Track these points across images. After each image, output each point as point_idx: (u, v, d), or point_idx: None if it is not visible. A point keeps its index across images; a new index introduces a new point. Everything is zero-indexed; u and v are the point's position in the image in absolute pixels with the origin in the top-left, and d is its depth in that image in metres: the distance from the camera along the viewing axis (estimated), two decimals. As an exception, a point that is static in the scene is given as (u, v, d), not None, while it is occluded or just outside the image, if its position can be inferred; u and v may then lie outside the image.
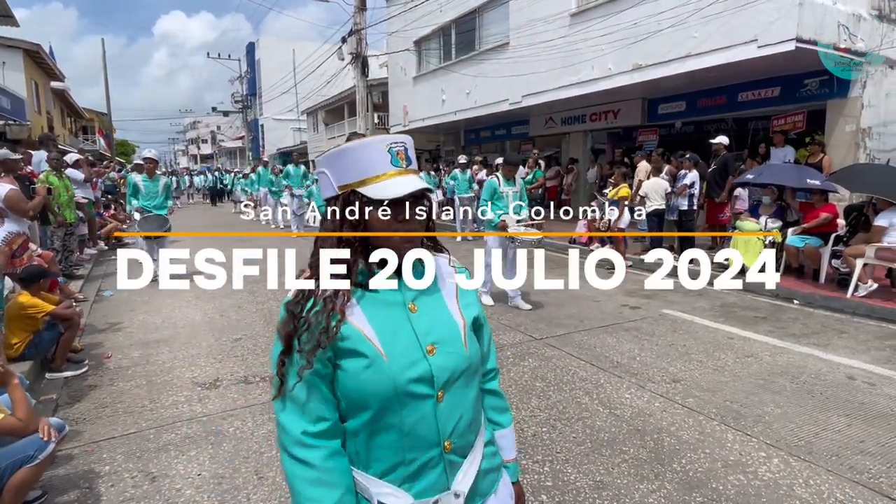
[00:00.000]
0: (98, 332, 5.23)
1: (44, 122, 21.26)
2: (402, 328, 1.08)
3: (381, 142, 1.07)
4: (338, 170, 1.08)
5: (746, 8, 7.87)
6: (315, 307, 1.03)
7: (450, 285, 1.19)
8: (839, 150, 8.42)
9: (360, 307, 1.06)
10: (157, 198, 7.25)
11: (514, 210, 5.73)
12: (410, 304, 1.10)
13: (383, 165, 1.05)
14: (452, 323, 1.14)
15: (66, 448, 2.96)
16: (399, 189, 1.04)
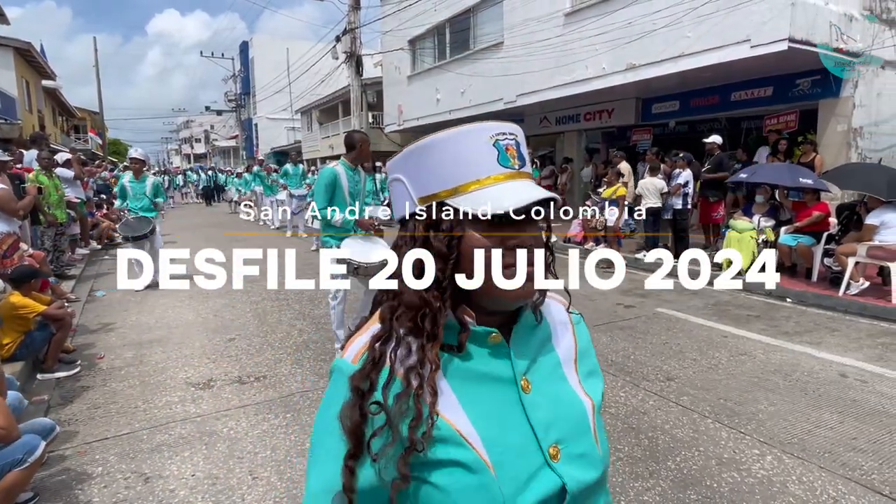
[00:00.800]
0: (90, 332, 5.19)
1: (35, 121, 21.07)
2: (513, 420, 0.72)
3: (484, 131, 0.73)
4: (420, 174, 0.74)
5: (739, 8, 7.91)
6: (391, 383, 0.68)
7: (567, 346, 0.84)
8: (831, 149, 8.48)
9: (449, 385, 0.71)
10: (144, 199, 6.94)
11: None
12: (523, 381, 0.75)
13: (488, 165, 0.72)
14: (579, 407, 0.78)
15: (59, 449, 2.94)
16: (514, 198, 0.69)
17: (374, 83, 20.99)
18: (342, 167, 4.01)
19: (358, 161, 4.09)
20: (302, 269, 6.62)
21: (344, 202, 3.95)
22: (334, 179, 3.94)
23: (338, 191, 3.96)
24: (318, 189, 4.02)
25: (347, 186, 3.99)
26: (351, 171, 4.04)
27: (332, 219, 3.89)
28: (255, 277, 7.83)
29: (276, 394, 3.70)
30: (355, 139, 4.10)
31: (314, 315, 5.68)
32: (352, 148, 4.07)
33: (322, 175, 4.05)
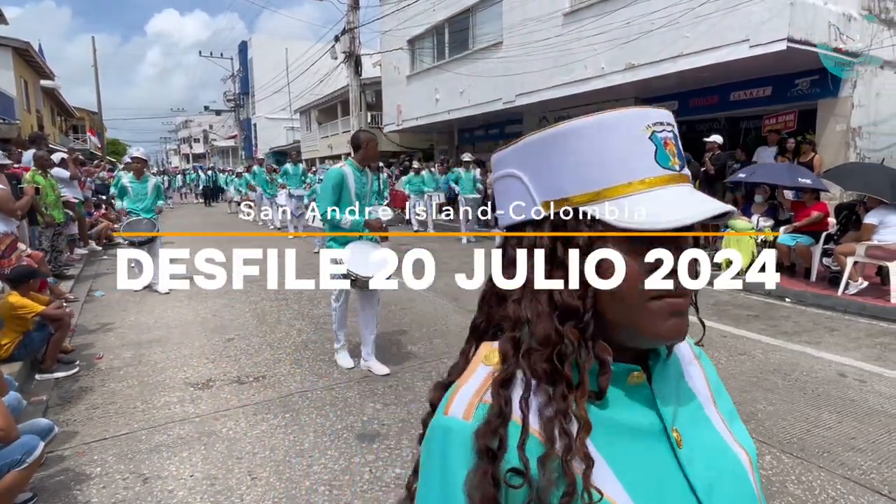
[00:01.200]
0: (89, 332, 5.18)
1: (33, 121, 21.04)
2: (672, 486, 0.58)
3: (638, 119, 0.61)
4: (547, 170, 0.59)
5: (738, 8, 7.91)
6: (526, 441, 0.53)
7: (700, 382, 0.71)
8: (830, 149, 8.48)
9: (593, 445, 0.55)
10: (146, 200, 6.69)
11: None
12: (674, 432, 0.61)
13: (644, 165, 0.58)
14: (736, 462, 0.64)
15: (57, 450, 2.93)
16: (683, 211, 0.55)
17: (373, 83, 20.98)
18: (349, 168, 3.86)
19: (365, 161, 3.93)
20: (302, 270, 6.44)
21: (350, 204, 3.80)
22: (341, 180, 3.78)
23: (344, 192, 3.80)
24: (323, 190, 3.83)
25: (354, 188, 3.83)
26: (358, 172, 3.89)
27: (340, 221, 3.71)
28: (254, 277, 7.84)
29: (275, 394, 3.70)
30: (362, 139, 3.95)
31: (313, 315, 5.68)
32: (358, 147, 3.93)
33: (329, 176, 3.87)
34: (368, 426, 3.22)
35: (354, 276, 3.57)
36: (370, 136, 3.99)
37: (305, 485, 2.62)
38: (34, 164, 7.11)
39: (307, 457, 2.88)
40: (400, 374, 4.04)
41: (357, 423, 3.26)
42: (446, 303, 6.13)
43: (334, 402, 3.55)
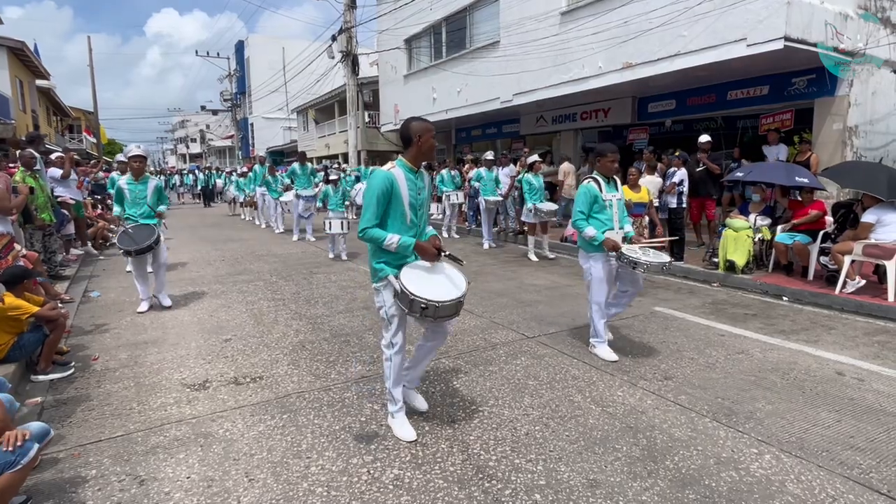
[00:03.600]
0: (85, 333, 5.15)
1: (29, 121, 20.96)
2: None
3: None
4: None
5: (735, 7, 7.92)
6: None
7: None
8: (827, 148, 8.50)
9: None
10: (145, 204, 5.82)
11: (621, 223, 4.30)
12: None
13: None
14: None
15: (52, 452, 2.91)
16: None
17: (371, 82, 20.96)
18: (401, 169, 2.94)
19: (419, 159, 3.02)
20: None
21: (402, 217, 2.92)
22: (390, 187, 2.86)
23: (394, 202, 2.89)
24: (367, 200, 2.89)
25: (408, 196, 2.91)
26: (412, 175, 2.97)
27: (384, 242, 2.87)
28: (249, 278, 7.73)
29: (272, 395, 3.67)
30: (413, 129, 2.95)
31: (311, 315, 5.65)
32: (409, 142, 2.97)
33: (373, 182, 2.91)
34: (366, 427, 3.20)
35: (424, 303, 2.75)
36: (424, 125, 2.99)
37: (303, 486, 2.60)
38: (20, 163, 7.01)
39: (305, 458, 2.86)
40: (398, 374, 4.02)
41: (355, 423, 3.24)
42: (444, 302, 6.11)
43: (332, 403, 3.53)
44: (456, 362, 4.25)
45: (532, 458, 2.84)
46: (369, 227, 2.88)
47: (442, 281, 2.96)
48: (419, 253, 2.98)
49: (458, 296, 2.85)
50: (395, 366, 3.06)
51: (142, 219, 5.80)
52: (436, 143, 3.06)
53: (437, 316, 2.82)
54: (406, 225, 2.95)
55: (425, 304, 2.75)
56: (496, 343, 4.72)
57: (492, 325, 5.24)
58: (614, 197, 4.30)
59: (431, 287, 2.85)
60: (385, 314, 3.01)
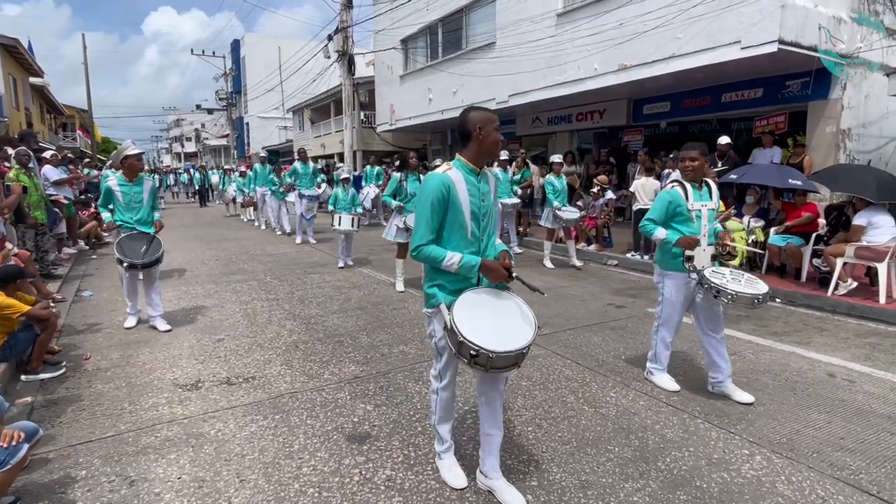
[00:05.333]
0: (76, 332, 5.11)
1: (22, 119, 20.82)
2: None
3: None
4: None
5: (730, 10, 7.96)
6: None
7: None
8: (820, 150, 8.55)
9: None
10: (142, 209, 5.08)
11: (710, 237, 3.63)
12: None
13: None
14: None
15: (41, 452, 2.89)
16: None
17: (367, 82, 20.93)
18: (459, 171, 2.40)
19: (481, 158, 2.45)
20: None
21: (462, 230, 2.39)
22: (446, 194, 2.34)
23: (452, 212, 2.37)
24: (420, 211, 2.38)
25: (468, 204, 2.38)
26: (473, 178, 2.42)
27: (443, 261, 2.34)
28: (243, 278, 7.69)
29: (264, 395, 3.66)
30: (472, 120, 2.39)
31: (304, 315, 5.64)
32: (469, 137, 2.41)
33: (427, 188, 2.37)
34: (359, 427, 3.19)
35: (476, 350, 2.19)
36: (486, 114, 2.43)
37: (294, 487, 2.59)
38: (15, 161, 6.96)
39: (297, 459, 2.85)
40: (391, 374, 4.02)
41: (347, 424, 3.24)
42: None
43: (325, 404, 3.52)
44: (449, 363, 4.25)
45: (524, 459, 2.84)
46: (424, 245, 2.35)
47: (506, 319, 2.37)
48: (485, 274, 2.41)
49: (521, 345, 2.23)
50: (442, 401, 2.61)
51: (139, 225, 5.05)
52: (501, 137, 2.48)
53: (491, 367, 2.24)
54: (466, 239, 2.41)
55: (476, 352, 2.18)
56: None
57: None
58: (704, 206, 3.59)
59: (489, 327, 2.27)
60: (434, 345, 2.56)
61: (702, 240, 3.55)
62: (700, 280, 3.50)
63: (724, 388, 3.63)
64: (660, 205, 3.67)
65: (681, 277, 3.63)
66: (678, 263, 3.59)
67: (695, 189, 3.62)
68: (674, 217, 3.62)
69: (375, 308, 5.94)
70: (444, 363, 2.56)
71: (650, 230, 3.69)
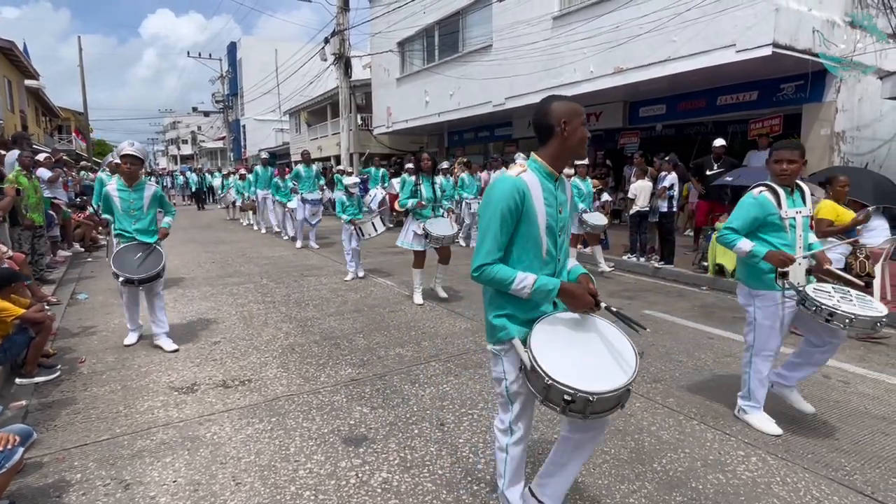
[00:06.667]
0: (72, 335, 5.09)
1: (17, 121, 20.75)
2: None
3: None
4: None
5: (725, 13, 8.01)
6: None
7: None
8: (814, 153, 8.60)
9: None
10: (143, 216, 4.62)
11: (804, 249, 3.16)
12: None
13: None
14: None
15: (36, 456, 2.87)
16: None
17: (363, 85, 20.94)
18: (535, 175, 1.95)
19: (563, 159, 2.00)
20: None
21: (536, 247, 1.95)
22: (520, 202, 1.90)
23: (525, 225, 1.93)
24: (487, 220, 1.93)
25: (545, 216, 1.94)
26: (551, 184, 1.98)
27: (512, 284, 1.91)
28: (240, 280, 7.66)
29: (260, 398, 3.65)
30: (553, 113, 1.94)
31: (300, 318, 5.63)
32: (550, 133, 1.96)
33: (496, 194, 1.92)
34: (355, 430, 3.19)
35: (570, 395, 1.75)
36: (572, 106, 1.97)
37: (290, 490, 2.59)
38: (18, 164, 6.97)
39: (293, 461, 2.84)
40: (387, 377, 4.02)
41: (344, 426, 3.23)
42: (436, 305, 6.11)
43: (321, 406, 3.51)
44: (446, 365, 4.25)
45: (521, 461, 2.84)
46: (489, 264, 1.91)
47: (595, 350, 1.95)
48: (566, 301, 1.99)
49: (623, 382, 1.81)
50: (513, 460, 2.12)
51: (140, 235, 4.61)
52: (588, 133, 2.02)
53: (591, 412, 1.80)
54: (540, 259, 1.97)
55: (572, 396, 1.75)
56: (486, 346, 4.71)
57: (482, 328, 5.22)
58: (799, 213, 3.11)
59: (579, 362, 1.87)
60: (505, 390, 2.06)
61: (797, 252, 3.08)
62: (802, 300, 3.01)
63: (786, 393, 3.36)
64: (743, 212, 3.14)
65: (774, 297, 3.09)
66: (770, 280, 3.07)
67: (787, 194, 3.10)
68: (762, 227, 3.11)
69: (372, 310, 5.94)
70: (516, 413, 2.07)
71: (731, 241, 3.14)
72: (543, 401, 1.84)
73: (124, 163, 4.52)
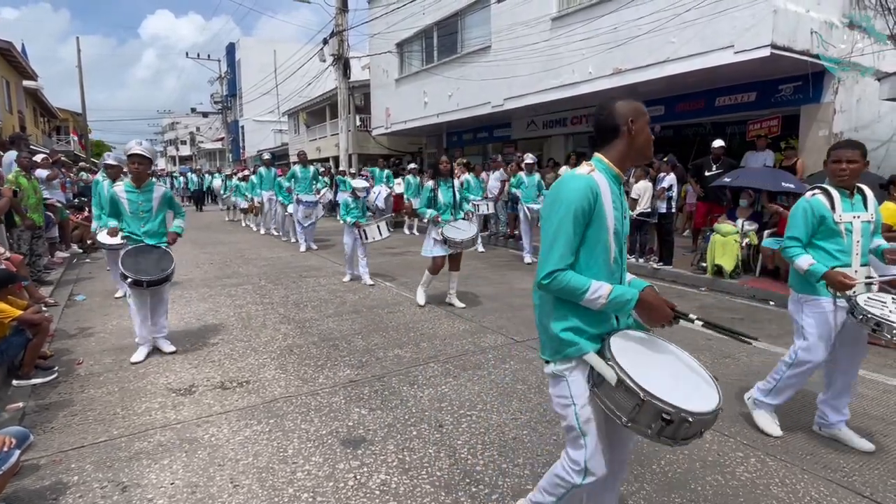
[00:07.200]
0: (69, 337, 5.08)
1: (15, 122, 20.73)
2: None
3: None
4: None
5: (723, 14, 8.02)
6: None
7: None
8: (813, 154, 8.60)
9: None
10: (151, 219, 4.44)
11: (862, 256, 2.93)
12: None
13: None
14: None
15: (33, 458, 2.86)
16: None
17: (362, 86, 20.94)
18: (603, 174, 1.81)
19: (629, 161, 1.91)
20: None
21: (605, 252, 1.80)
22: (593, 202, 1.75)
23: (595, 228, 1.77)
24: (556, 221, 1.75)
25: (613, 219, 1.80)
26: (617, 186, 1.87)
27: (586, 293, 1.72)
28: (238, 281, 7.65)
29: (258, 399, 3.64)
30: (619, 113, 1.87)
31: (299, 319, 5.62)
32: (613, 133, 1.87)
33: (567, 193, 1.76)
34: (354, 432, 3.18)
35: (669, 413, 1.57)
36: (636, 106, 1.92)
37: (288, 492, 2.58)
38: (17, 166, 6.96)
39: (291, 463, 2.84)
40: (386, 378, 4.01)
41: (342, 428, 3.23)
42: (434, 306, 6.10)
43: (319, 408, 3.50)
44: (445, 366, 4.25)
45: (520, 463, 2.84)
46: (562, 270, 1.73)
47: (679, 370, 1.80)
48: (644, 313, 1.83)
49: (717, 402, 1.68)
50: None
51: (148, 238, 4.44)
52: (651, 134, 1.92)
53: (682, 437, 1.63)
54: (608, 266, 1.82)
55: (671, 415, 1.56)
56: (485, 347, 4.72)
57: (481, 330, 5.24)
58: (857, 217, 2.91)
59: (668, 379, 1.69)
60: (575, 419, 1.81)
61: (854, 259, 2.87)
62: (852, 309, 2.80)
63: (836, 432, 3.07)
64: (800, 219, 2.98)
65: (826, 304, 2.92)
66: (822, 287, 2.91)
67: (844, 197, 2.92)
68: (816, 231, 2.94)
69: (371, 311, 5.93)
70: (591, 447, 1.80)
71: (793, 255, 2.95)
72: (629, 422, 1.64)
73: (132, 162, 4.31)
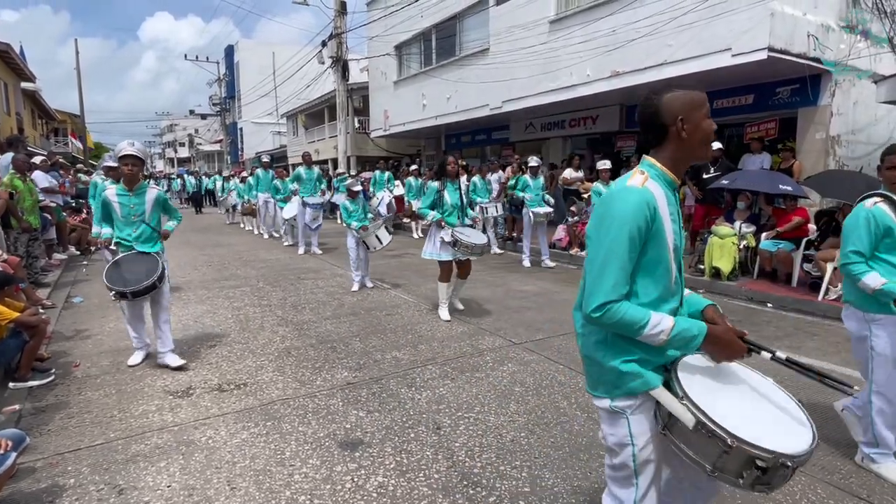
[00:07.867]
0: (66, 339, 5.07)
1: (13, 124, 20.69)
2: None
3: None
4: None
5: (720, 18, 8.04)
6: None
7: None
8: (810, 156, 8.64)
9: None
10: (143, 224, 4.27)
11: None
12: None
13: None
14: None
15: (29, 460, 2.85)
16: None
17: (361, 88, 20.98)
18: (657, 182, 1.58)
19: (686, 163, 1.66)
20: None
21: (665, 273, 1.57)
22: (651, 219, 1.51)
23: (654, 247, 1.54)
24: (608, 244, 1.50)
25: (672, 234, 1.56)
26: (673, 194, 1.62)
27: (645, 328, 1.49)
28: (236, 284, 7.64)
29: (256, 402, 3.64)
30: (669, 107, 1.57)
31: (297, 321, 5.61)
32: (661, 132, 1.60)
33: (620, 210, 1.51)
34: (351, 434, 3.18)
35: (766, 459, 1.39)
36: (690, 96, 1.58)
37: (286, 495, 2.57)
38: (13, 168, 6.95)
39: (288, 466, 2.83)
40: (383, 380, 4.01)
41: (340, 431, 3.22)
42: (432, 309, 6.10)
43: (317, 410, 3.50)
44: (443, 368, 4.24)
45: (517, 465, 2.83)
46: (614, 301, 1.48)
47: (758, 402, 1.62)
48: (713, 349, 1.62)
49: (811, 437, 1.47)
50: None
51: (139, 243, 4.24)
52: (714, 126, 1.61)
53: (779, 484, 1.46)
54: (669, 289, 1.59)
55: (768, 462, 1.36)
56: (483, 349, 4.71)
57: (479, 332, 5.24)
58: None
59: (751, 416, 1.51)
60: (632, 459, 1.64)
61: None
62: None
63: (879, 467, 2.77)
64: (863, 231, 2.71)
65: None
66: (890, 304, 2.61)
67: None
68: (879, 244, 2.68)
69: (368, 314, 5.93)
70: (644, 488, 1.65)
71: (859, 274, 2.65)
72: (714, 471, 1.43)
73: (125, 164, 4.11)
